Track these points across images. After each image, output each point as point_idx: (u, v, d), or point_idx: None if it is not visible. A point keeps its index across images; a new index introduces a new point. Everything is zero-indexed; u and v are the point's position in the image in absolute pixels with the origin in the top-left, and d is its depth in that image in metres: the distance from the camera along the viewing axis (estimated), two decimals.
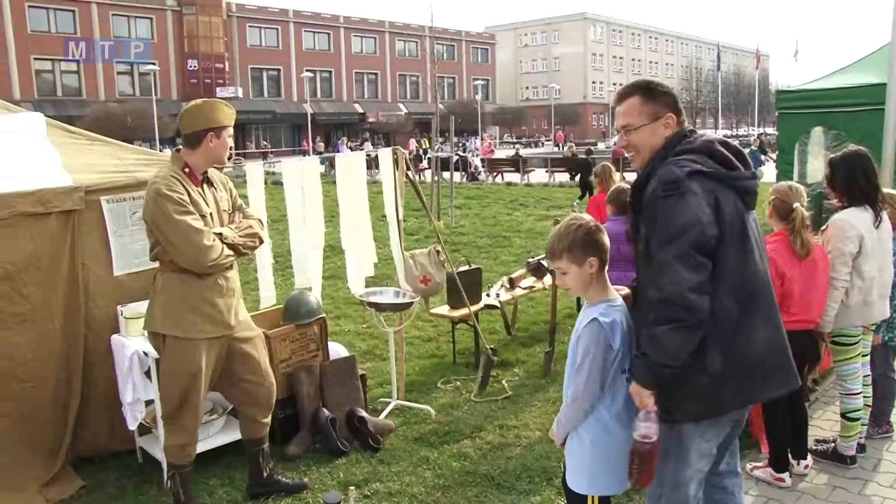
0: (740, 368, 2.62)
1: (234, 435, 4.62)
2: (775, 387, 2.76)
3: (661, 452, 2.67)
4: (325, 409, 4.86)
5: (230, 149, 3.92)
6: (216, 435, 4.63)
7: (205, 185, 3.86)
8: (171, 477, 3.97)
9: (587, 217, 2.80)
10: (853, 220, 4.12)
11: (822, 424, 5.02)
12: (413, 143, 45.11)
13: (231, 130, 3.89)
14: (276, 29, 61.45)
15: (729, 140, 2.82)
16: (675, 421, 2.66)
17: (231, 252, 3.79)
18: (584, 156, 24.79)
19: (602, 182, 7.18)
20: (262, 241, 4.11)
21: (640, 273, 2.81)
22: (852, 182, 4.19)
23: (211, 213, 3.79)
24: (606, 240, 2.75)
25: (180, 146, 3.88)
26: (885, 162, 8.32)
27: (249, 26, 59.71)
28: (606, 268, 2.78)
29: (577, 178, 22.16)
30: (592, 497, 2.80)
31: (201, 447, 4.49)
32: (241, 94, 57.07)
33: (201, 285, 3.74)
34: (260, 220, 4.21)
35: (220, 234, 3.75)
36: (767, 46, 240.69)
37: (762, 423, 4.67)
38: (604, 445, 2.76)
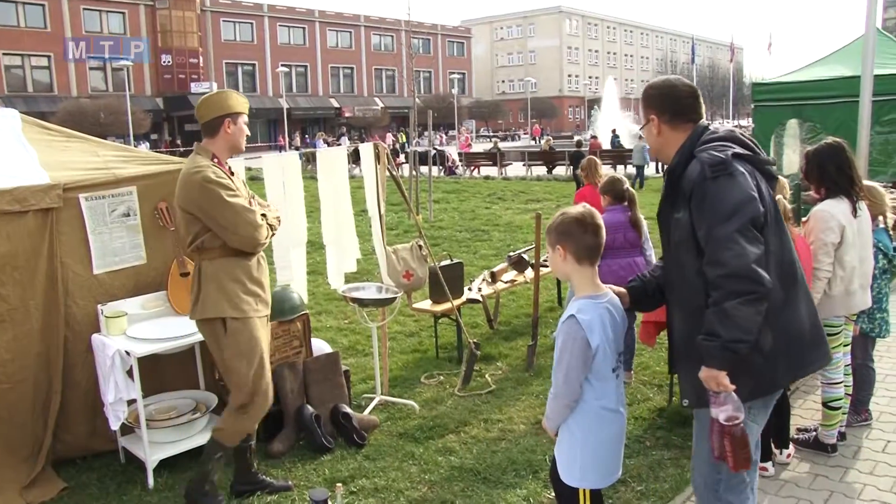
0: (790, 344, 2.67)
1: None
2: (818, 360, 2.84)
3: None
4: (308, 406, 4.83)
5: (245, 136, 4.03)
6: (199, 434, 4.58)
7: (231, 175, 3.95)
8: (219, 459, 4.00)
9: (578, 209, 2.79)
10: (833, 210, 4.16)
11: (804, 413, 5.07)
12: (389, 138, 44.97)
13: (246, 118, 4.02)
14: (251, 23, 61.00)
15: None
16: None
17: (271, 232, 3.97)
18: (576, 148, 24.95)
19: (588, 175, 7.18)
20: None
21: (676, 259, 2.77)
22: (824, 174, 4.24)
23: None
24: (585, 233, 2.73)
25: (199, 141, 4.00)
26: (859, 153, 8.43)
27: (224, 21, 59.21)
28: (594, 262, 2.78)
29: (573, 170, 22.37)
30: (584, 490, 2.81)
31: (185, 446, 4.47)
32: (215, 89, 56.52)
33: (248, 266, 3.88)
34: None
35: (263, 216, 3.90)
36: (741, 39, 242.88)
37: None
38: (594, 439, 2.78)
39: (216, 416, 4.74)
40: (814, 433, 4.53)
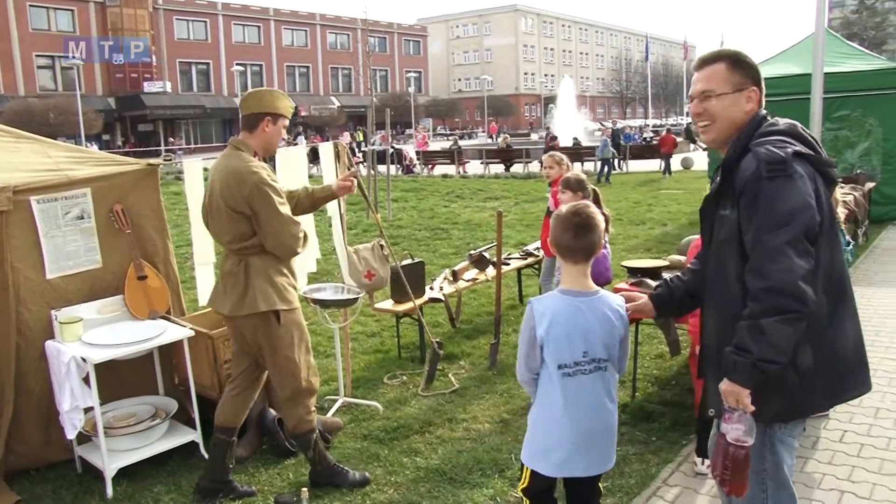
0: (832, 367, 2.46)
1: (178, 440, 4.53)
2: (858, 388, 2.58)
3: (754, 453, 2.45)
4: (271, 410, 4.76)
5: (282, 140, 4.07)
6: (160, 440, 4.49)
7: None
8: (315, 441, 4.11)
9: (569, 208, 2.77)
10: None
11: None
12: (346, 137, 44.73)
13: (286, 122, 4.04)
14: (205, 21, 60.22)
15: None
16: (758, 421, 2.42)
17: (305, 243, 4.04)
18: (551, 143, 25.41)
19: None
20: None
21: (718, 260, 2.58)
22: None
23: None
24: (564, 233, 2.73)
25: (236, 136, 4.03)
26: None
27: (177, 19, 58.36)
28: (577, 262, 2.76)
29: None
30: (527, 468, 2.92)
31: (145, 453, 4.37)
32: (169, 89, 55.77)
33: (286, 261, 3.97)
34: None
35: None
36: (694, 38, 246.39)
37: None
38: (542, 430, 2.85)
39: (176, 422, 4.66)
40: None
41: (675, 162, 26.51)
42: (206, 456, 4.51)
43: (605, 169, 23.58)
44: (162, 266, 4.93)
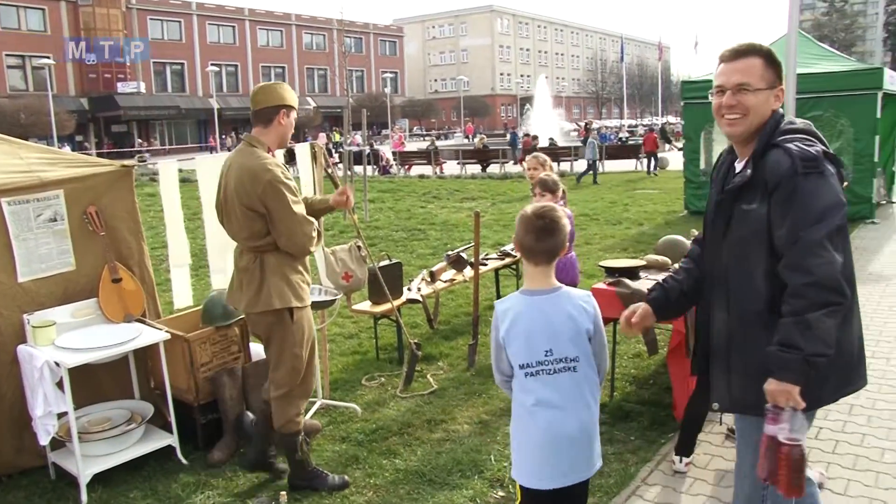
0: (841, 361, 2.48)
1: (154, 444, 4.48)
2: (859, 381, 2.64)
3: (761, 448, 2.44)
4: (248, 413, 4.72)
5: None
6: (135, 445, 4.44)
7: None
8: (301, 444, 4.13)
9: (533, 208, 2.75)
10: None
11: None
12: (323, 138, 44.57)
13: (295, 115, 4.06)
14: (179, 21, 59.73)
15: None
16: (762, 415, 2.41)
17: (320, 241, 4.11)
18: (534, 142, 25.84)
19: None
20: None
21: (738, 256, 2.55)
22: None
23: None
24: (526, 234, 2.70)
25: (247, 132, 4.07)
26: None
27: (150, 19, 57.80)
28: (538, 263, 2.73)
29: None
30: (518, 485, 2.81)
31: (120, 458, 4.31)
32: (143, 90, 55.23)
33: (300, 259, 4.00)
34: None
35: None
36: (669, 38, 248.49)
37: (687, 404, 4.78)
38: (518, 436, 2.78)
39: (152, 426, 4.61)
40: None
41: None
42: (184, 460, 4.47)
43: (591, 169, 23.68)
44: (137, 268, 4.87)
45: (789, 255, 2.33)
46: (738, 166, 2.61)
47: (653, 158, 24.97)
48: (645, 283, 5.03)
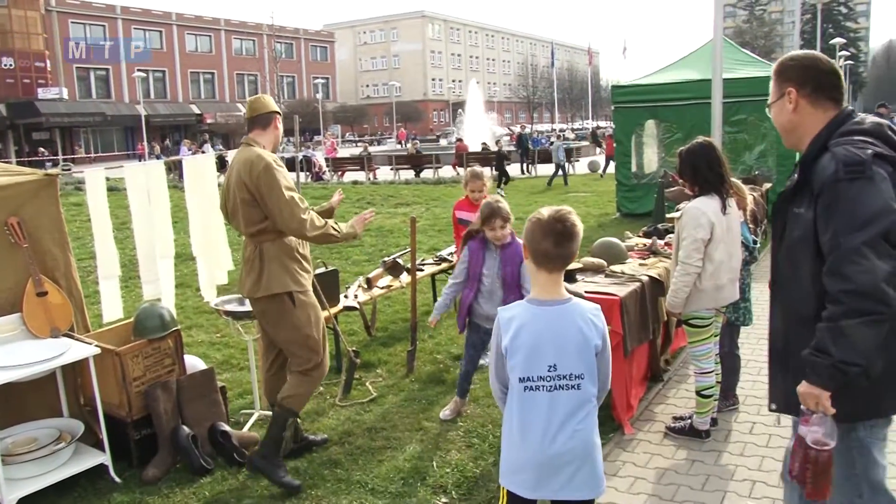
0: None
1: (85, 464, 4.32)
2: None
3: (841, 457, 2.42)
4: (184, 427, 4.59)
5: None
6: (64, 465, 4.26)
7: None
8: (291, 424, 4.40)
9: (550, 212, 2.61)
10: (704, 207, 4.33)
11: (678, 402, 5.29)
12: None
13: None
14: (103, 25, 57.97)
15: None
16: (836, 421, 2.37)
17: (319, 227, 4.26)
18: (496, 148, 26.07)
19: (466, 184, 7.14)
20: None
21: (791, 257, 2.54)
22: (697, 172, 4.42)
23: None
24: (544, 240, 2.56)
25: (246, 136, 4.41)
26: None
27: (73, 22, 55.86)
28: (552, 270, 2.61)
29: (495, 167, 24.18)
30: (503, 489, 2.72)
31: (48, 480, 4.15)
32: (66, 96, 53.41)
33: (298, 245, 4.33)
34: None
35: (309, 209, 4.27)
36: (598, 44, 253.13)
37: (625, 405, 4.86)
38: (507, 443, 2.70)
39: (83, 444, 4.45)
40: (689, 421, 4.72)
41: (583, 165, 27.08)
42: (117, 479, 4.33)
43: (560, 172, 23.97)
44: (63, 281, 4.69)
45: (830, 261, 2.31)
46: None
47: (608, 162, 25.34)
48: (581, 286, 5.09)
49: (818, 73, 2.53)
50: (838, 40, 47.62)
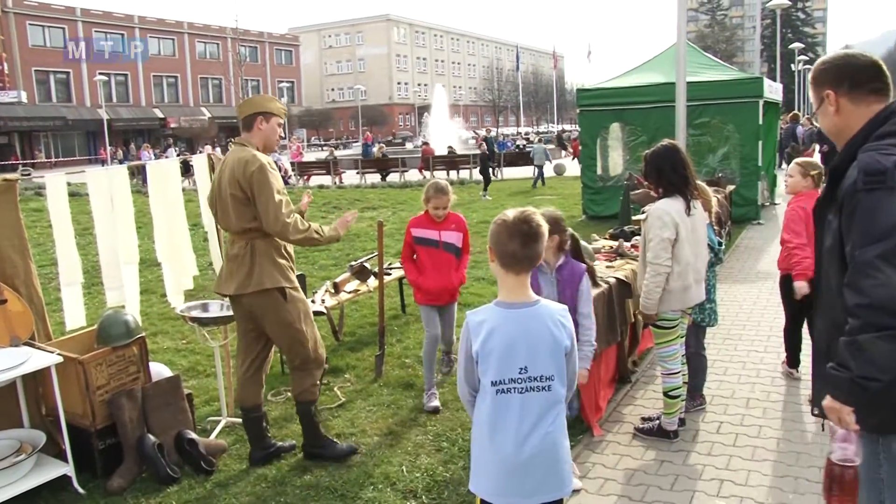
0: None
1: (47, 475, 4.23)
2: None
3: (866, 461, 2.34)
4: (150, 435, 4.53)
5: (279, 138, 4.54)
6: (25, 477, 4.17)
7: None
8: (315, 411, 4.63)
9: (516, 213, 2.59)
10: (668, 208, 4.37)
11: (646, 404, 5.33)
12: (217, 151, 43.50)
13: (280, 121, 4.53)
14: (63, 28, 57.02)
15: None
16: (862, 430, 2.30)
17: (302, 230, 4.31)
18: (480, 151, 25.99)
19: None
20: None
21: (824, 272, 2.48)
22: (661, 174, 4.46)
23: None
24: (510, 241, 2.54)
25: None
26: None
27: (30, 24, 54.83)
28: (519, 272, 2.58)
29: (479, 169, 23.89)
30: (478, 498, 2.68)
31: (8, 493, 4.05)
32: (24, 99, 52.47)
33: (283, 244, 4.38)
34: None
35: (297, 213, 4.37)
36: (563, 48, 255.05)
37: (594, 406, 4.88)
38: (476, 449, 2.67)
39: (44, 455, 4.36)
40: (657, 422, 4.76)
41: (549, 169, 27.21)
42: (81, 490, 4.25)
43: (539, 174, 24.26)
44: (23, 288, 4.60)
45: (848, 273, 2.25)
46: None
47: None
48: None
49: (853, 69, 2.44)
50: (797, 45, 48.50)
